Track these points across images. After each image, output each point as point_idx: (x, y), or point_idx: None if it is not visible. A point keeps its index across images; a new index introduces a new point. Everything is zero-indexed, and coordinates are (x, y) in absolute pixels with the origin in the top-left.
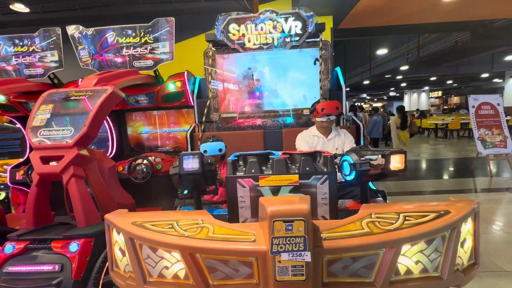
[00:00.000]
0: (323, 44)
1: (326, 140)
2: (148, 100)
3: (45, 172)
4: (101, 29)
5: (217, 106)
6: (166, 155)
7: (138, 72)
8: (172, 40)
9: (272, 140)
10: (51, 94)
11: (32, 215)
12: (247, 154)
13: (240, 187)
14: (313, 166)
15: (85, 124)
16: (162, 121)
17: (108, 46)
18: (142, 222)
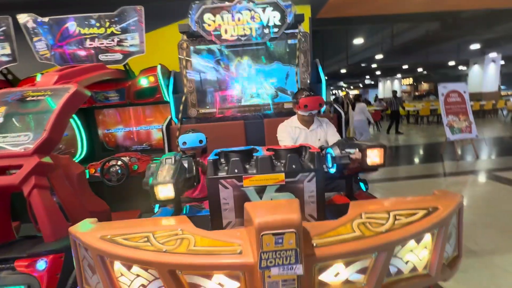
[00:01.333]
0: (302, 36)
1: (308, 132)
2: (119, 96)
3: (1, 185)
4: (59, 18)
5: (195, 101)
6: (143, 154)
7: (105, 67)
8: (142, 31)
9: (253, 131)
10: (3, 95)
11: None
12: (229, 151)
13: (223, 188)
14: (299, 163)
15: (46, 129)
16: (137, 117)
17: (69, 37)
18: (112, 236)
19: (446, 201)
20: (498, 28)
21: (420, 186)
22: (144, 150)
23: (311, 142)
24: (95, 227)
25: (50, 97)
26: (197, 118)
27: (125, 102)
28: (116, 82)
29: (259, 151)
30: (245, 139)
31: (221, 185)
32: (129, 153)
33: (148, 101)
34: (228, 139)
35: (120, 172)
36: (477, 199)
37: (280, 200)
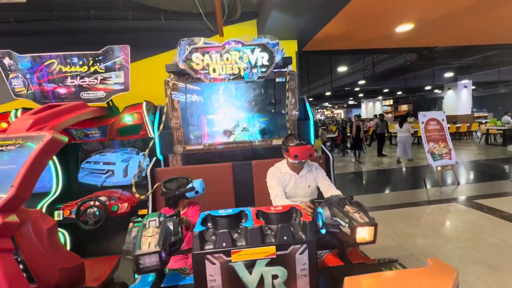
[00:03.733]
0: (290, 75)
1: (298, 178)
2: (100, 133)
3: None
4: (40, 56)
5: (181, 138)
6: (123, 192)
7: (86, 105)
8: (127, 70)
9: (241, 173)
10: None
11: None
12: (217, 216)
13: (210, 264)
14: (290, 233)
15: (13, 185)
16: None
17: (48, 75)
18: None
19: (442, 279)
20: (468, 58)
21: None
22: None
23: (301, 188)
24: None
25: (21, 146)
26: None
27: (107, 139)
28: (97, 120)
29: (248, 215)
30: (233, 182)
31: (207, 261)
32: (108, 190)
33: (131, 138)
34: (216, 182)
35: (98, 214)
36: (461, 230)
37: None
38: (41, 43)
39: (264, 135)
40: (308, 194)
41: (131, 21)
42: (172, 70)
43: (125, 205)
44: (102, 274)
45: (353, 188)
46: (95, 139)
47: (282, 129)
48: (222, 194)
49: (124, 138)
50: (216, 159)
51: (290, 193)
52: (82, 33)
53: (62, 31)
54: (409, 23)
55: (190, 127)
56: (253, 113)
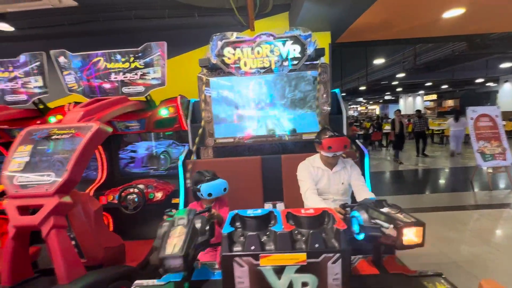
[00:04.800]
0: (322, 68)
1: (331, 173)
2: (139, 126)
3: (22, 225)
4: (89, 54)
5: (212, 131)
6: (159, 181)
7: (127, 99)
8: (164, 66)
9: (270, 167)
10: (31, 132)
11: (8, 271)
12: (245, 217)
13: (238, 266)
14: (322, 241)
15: (67, 169)
16: None
17: (95, 72)
18: None
19: None
20: None
21: (450, 220)
22: (161, 176)
23: (334, 185)
24: None
25: (73, 136)
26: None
27: (145, 131)
28: (137, 113)
29: (277, 217)
30: (261, 175)
31: (236, 263)
32: (146, 179)
33: (167, 130)
34: (244, 176)
35: (137, 201)
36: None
37: None
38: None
39: (294, 129)
40: (341, 192)
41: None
42: (204, 64)
43: (160, 193)
44: (140, 256)
45: (388, 188)
46: (135, 131)
47: (312, 124)
48: (251, 187)
49: (160, 131)
50: (245, 153)
51: (322, 190)
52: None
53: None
54: (460, 7)
55: (221, 120)
56: (283, 107)
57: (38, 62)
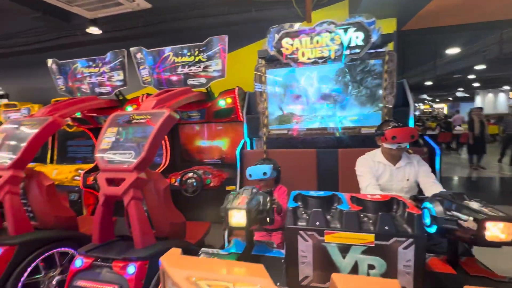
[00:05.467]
0: (388, 56)
1: (394, 169)
2: (200, 115)
3: (110, 194)
4: (160, 50)
5: (266, 122)
6: (215, 169)
7: (191, 90)
8: (224, 58)
9: (326, 161)
10: (117, 117)
11: (98, 232)
12: (308, 196)
13: (302, 240)
14: (393, 224)
15: (144, 149)
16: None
17: (165, 66)
18: (197, 279)
19: None
20: None
21: None
22: (216, 164)
23: (398, 181)
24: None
25: (149, 120)
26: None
27: (205, 120)
28: (198, 104)
29: (341, 199)
30: (316, 169)
31: (300, 237)
32: (203, 166)
33: (224, 121)
34: (298, 168)
35: (195, 185)
36: None
37: (378, 279)
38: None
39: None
40: (406, 189)
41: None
42: (263, 55)
43: (216, 180)
44: (197, 235)
45: None
46: (196, 120)
47: (373, 117)
48: (304, 180)
49: (218, 121)
50: (298, 146)
51: (384, 186)
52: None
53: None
54: None
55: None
56: (342, 99)
57: (121, 58)
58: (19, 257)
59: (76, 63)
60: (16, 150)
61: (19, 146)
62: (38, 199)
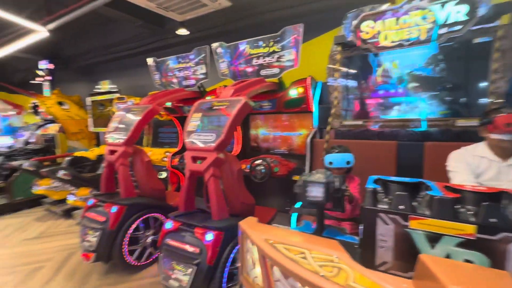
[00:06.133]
0: (502, 31)
1: (504, 166)
2: (271, 105)
3: (194, 170)
4: (237, 43)
5: (339, 112)
6: (283, 158)
7: (264, 80)
8: (298, 47)
9: (408, 155)
10: (201, 104)
11: (183, 202)
12: (390, 181)
13: (381, 223)
14: (502, 217)
15: (223, 132)
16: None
17: (241, 58)
18: (274, 242)
19: None
20: None
21: None
22: (283, 154)
23: (508, 181)
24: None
25: (227, 107)
26: (339, 130)
27: (275, 110)
28: (270, 93)
29: (431, 187)
30: (395, 165)
31: (380, 219)
32: (271, 155)
33: (294, 110)
34: (375, 162)
35: (264, 172)
36: None
37: (485, 269)
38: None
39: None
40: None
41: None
42: (340, 41)
43: (284, 169)
44: (264, 219)
45: None
46: (267, 110)
47: (473, 106)
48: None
49: (289, 111)
50: (373, 138)
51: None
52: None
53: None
54: None
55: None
56: (431, 86)
57: (203, 54)
58: (127, 215)
59: (168, 61)
60: (126, 131)
61: (128, 128)
62: (140, 171)
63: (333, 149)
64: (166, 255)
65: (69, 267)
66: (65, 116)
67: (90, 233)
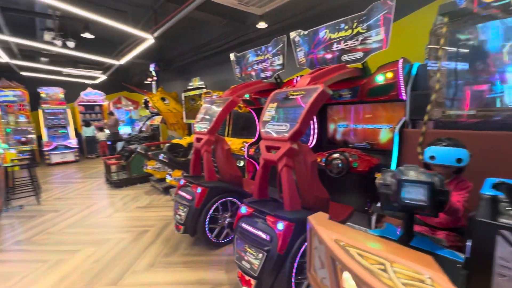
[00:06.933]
0: None
1: None
2: (351, 94)
3: (267, 159)
4: (316, 29)
5: (441, 100)
6: (363, 153)
7: (346, 67)
8: (389, 26)
9: None
10: (276, 94)
11: (257, 190)
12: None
13: (504, 243)
14: None
15: (298, 121)
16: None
17: (320, 45)
18: (346, 244)
19: None
20: None
21: None
22: (364, 149)
23: None
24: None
25: (303, 96)
26: (439, 121)
27: (357, 100)
28: (351, 81)
29: None
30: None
31: (501, 238)
32: (350, 149)
33: (379, 99)
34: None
35: (341, 166)
36: None
37: None
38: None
39: None
40: None
41: None
42: (447, 11)
43: (364, 164)
44: (339, 217)
45: None
46: (346, 99)
47: None
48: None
49: (373, 99)
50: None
51: None
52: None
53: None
54: None
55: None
56: None
57: (281, 44)
58: (209, 196)
59: (248, 55)
60: (210, 121)
61: (212, 118)
62: (221, 158)
63: (439, 141)
64: (239, 237)
65: (166, 234)
66: (166, 109)
67: (180, 208)
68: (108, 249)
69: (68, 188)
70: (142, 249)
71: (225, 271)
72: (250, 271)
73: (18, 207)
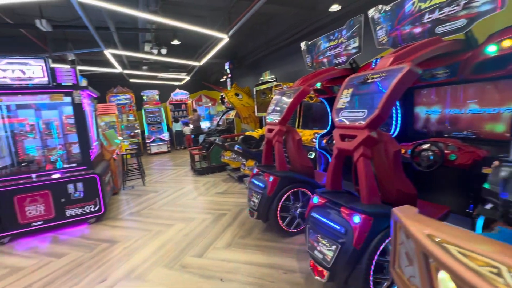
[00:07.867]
0: None
1: None
2: (449, 73)
3: (342, 148)
4: (401, 1)
5: None
6: (464, 144)
7: (440, 40)
8: None
9: None
10: (352, 79)
11: (330, 180)
12: None
13: None
14: None
15: (378, 107)
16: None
17: (406, 18)
18: (443, 240)
19: None
20: None
21: None
22: (466, 139)
23: None
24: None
25: (385, 78)
26: None
27: (455, 79)
28: (448, 56)
29: None
30: None
31: None
32: (446, 139)
33: (491, 76)
34: None
35: (432, 159)
36: None
37: None
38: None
39: None
40: None
41: None
42: None
43: (466, 157)
44: None
45: None
46: (441, 79)
47: None
48: None
49: (481, 76)
50: None
51: None
52: None
53: None
54: None
55: None
56: None
57: (357, 24)
58: (280, 185)
59: (319, 41)
60: (281, 112)
61: (282, 109)
62: (292, 148)
63: None
64: (311, 227)
65: (241, 219)
66: (239, 104)
67: (254, 195)
68: (195, 226)
69: (163, 174)
70: (221, 230)
71: (296, 259)
72: (322, 262)
73: (131, 187)
